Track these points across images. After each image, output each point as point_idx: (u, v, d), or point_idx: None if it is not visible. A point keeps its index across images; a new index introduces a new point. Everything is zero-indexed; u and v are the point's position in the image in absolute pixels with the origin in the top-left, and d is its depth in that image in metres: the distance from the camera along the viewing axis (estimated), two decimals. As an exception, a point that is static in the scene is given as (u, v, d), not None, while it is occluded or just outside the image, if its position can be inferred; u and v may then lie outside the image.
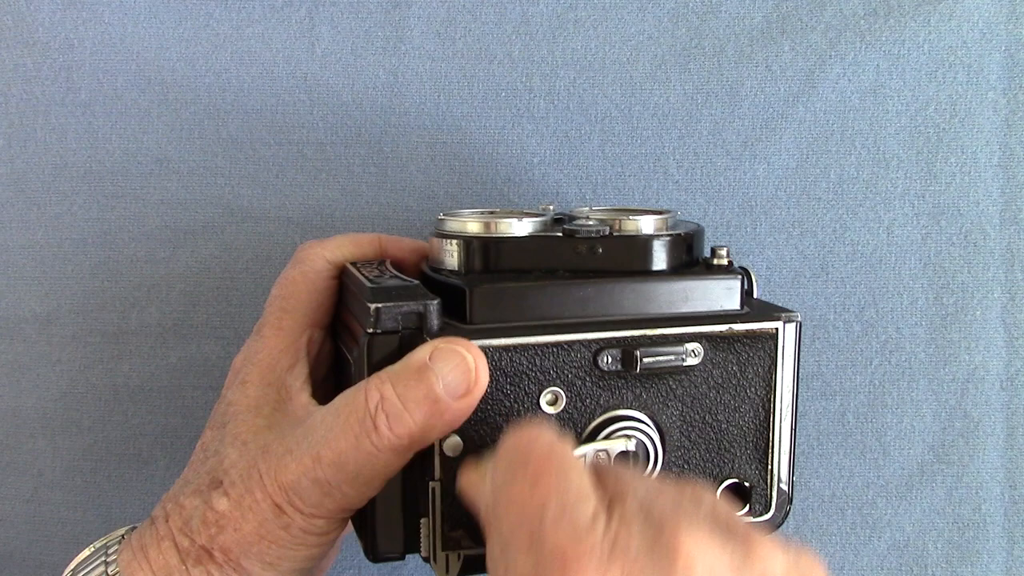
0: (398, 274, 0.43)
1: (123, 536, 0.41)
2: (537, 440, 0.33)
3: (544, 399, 0.40)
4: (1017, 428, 0.57)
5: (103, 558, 0.40)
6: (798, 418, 0.44)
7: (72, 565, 0.41)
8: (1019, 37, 0.56)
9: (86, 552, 0.41)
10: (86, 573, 0.40)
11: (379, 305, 0.38)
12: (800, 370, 0.43)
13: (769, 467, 0.43)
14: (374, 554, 0.40)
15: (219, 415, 0.42)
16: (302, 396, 0.42)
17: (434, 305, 0.39)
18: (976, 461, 0.57)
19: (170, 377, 0.56)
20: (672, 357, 0.41)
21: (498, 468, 0.34)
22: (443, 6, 0.55)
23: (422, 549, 0.40)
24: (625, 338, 0.40)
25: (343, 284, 0.46)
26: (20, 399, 0.56)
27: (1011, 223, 0.57)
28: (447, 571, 0.40)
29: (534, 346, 0.39)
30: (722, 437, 0.42)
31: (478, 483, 0.37)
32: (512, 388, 0.39)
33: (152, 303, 0.56)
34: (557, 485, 0.32)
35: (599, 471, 0.34)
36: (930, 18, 0.56)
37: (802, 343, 0.43)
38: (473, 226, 0.43)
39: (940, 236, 0.57)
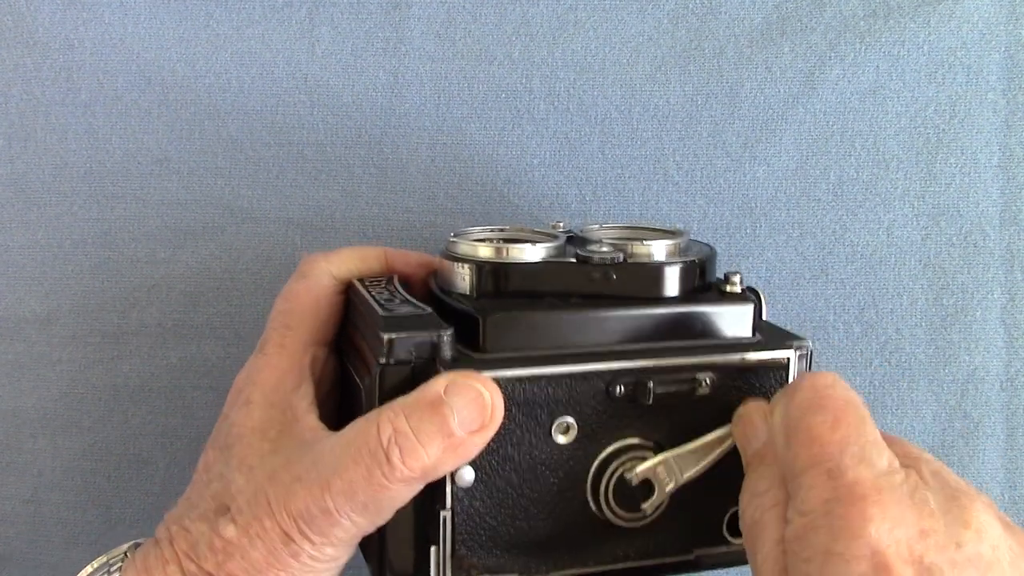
0: (409, 298, 0.43)
1: (126, 553, 0.41)
2: (835, 386, 0.35)
3: (556, 429, 0.40)
4: (1017, 428, 0.57)
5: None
6: None
7: None
8: (1019, 38, 0.56)
9: (88, 570, 0.41)
10: None
11: (392, 336, 0.38)
12: None
13: None
14: None
15: (222, 436, 0.41)
16: (309, 418, 0.41)
17: (447, 335, 0.38)
18: (976, 461, 0.57)
19: (170, 377, 0.56)
20: (684, 387, 0.40)
21: (792, 405, 0.35)
22: (443, 7, 0.55)
23: None
24: (637, 369, 0.40)
25: (350, 302, 0.45)
26: (20, 399, 0.56)
27: (1011, 223, 0.57)
28: None
29: (547, 376, 0.39)
30: (729, 466, 0.42)
31: (756, 424, 0.38)
32: (524, 417, 0.39)
33: (152, 303, 0.56)
34: (857, 429, 0.34)
35: (884, 436, 0.35)
36: (930, 19, 0.56)
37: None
38: (485, 250, 0.43)
39: (940, 237, 0.57)
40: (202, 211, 0.55)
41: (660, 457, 0.40)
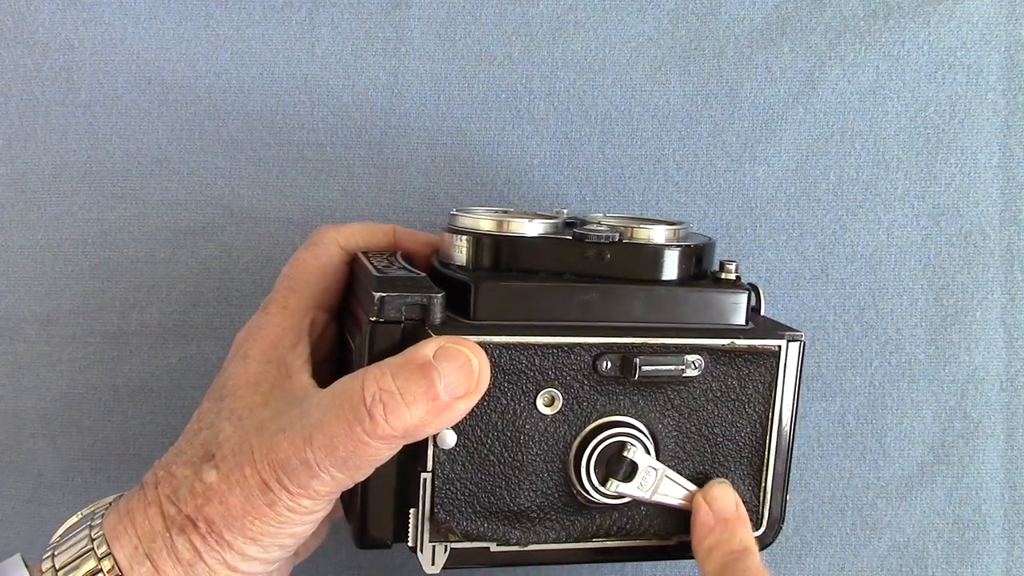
0: (406, 266, 0.43)
1: (111, 503, 0.41)
2: None
3: (541, 399, 0.40)
4: (1017, 428, 0.57)
5: (88, 522, 0.40)
6: (797, 421, 0.44)
7: (60, 531, 0.41)
8: (1019, 38, 0.56)
9: (73, 519, 0.42)
10: (71, 537, 0.40)
11: (384, 294, 0.39)
12: (800, 387, 0.43)
13: (762, 485, 0.43)
14: (361, 540, 0.41)
15: (218, 387, 0.42)
16: (302, 376, 0.41)
17: (438, 298, 0.39)
18: (976, 462, 0.57)
19: (170, 377, 0.56)
20: (672, 367, 0.41)
21: None
22: (443, 7, 0.55)
23: (409, 539, 0.40)
24: (626, 345, 0.40)
25: (353, 272, 0.46)
26: (20, 399, 0.56)
27: (1011, 223, 0.57)
28: (433, 563, 0.41)
29: (534, 346, 0.40)
30: (716, 451, 0.42)
31: None
32: (510, 386, 0.40)
33: (152, 303, 0.56)
34: None
35: None
36: (930, 19, 0.56)
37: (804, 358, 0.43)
38: (484, 223, 0.43)
39: (940, 237, 0.57)
40: (202, 211, 0.56)
41: (660, 466, 0.41)
